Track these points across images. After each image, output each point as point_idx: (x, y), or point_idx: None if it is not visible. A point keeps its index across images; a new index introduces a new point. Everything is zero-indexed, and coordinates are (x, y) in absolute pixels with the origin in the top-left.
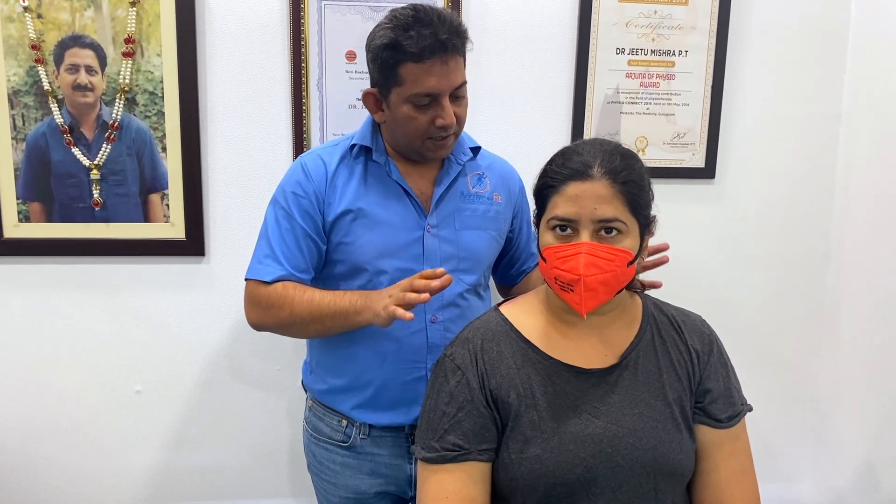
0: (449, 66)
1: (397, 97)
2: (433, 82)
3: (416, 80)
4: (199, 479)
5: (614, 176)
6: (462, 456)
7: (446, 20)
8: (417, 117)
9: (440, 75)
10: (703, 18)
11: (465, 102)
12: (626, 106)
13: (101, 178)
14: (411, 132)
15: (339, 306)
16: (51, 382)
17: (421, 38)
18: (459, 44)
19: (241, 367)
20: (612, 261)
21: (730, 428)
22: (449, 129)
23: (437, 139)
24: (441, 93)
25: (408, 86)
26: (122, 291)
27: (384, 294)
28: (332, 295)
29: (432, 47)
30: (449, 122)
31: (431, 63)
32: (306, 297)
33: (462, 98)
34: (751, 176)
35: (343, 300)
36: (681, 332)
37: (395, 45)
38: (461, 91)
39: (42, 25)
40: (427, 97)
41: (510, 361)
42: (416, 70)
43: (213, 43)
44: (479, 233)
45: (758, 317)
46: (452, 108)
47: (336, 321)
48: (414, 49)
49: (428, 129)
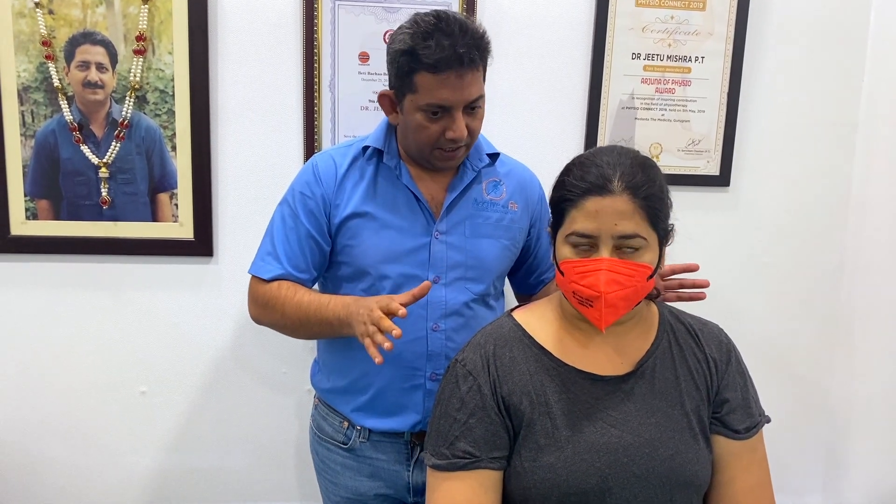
0: (465, 79)
1: (411, 104)
2: (446, 95)
3: (430, 90)
4: (205, 481)
5: (635, 191)
6: (473, 463)
7: (468, 32)
8: (429, 127)
9: (454, 88)
10: (720, 24)
11: (481, 114)
12: (640, 112)
13: (110, 176)
14: (422, 140)
15: (324, 316)
16: (56, 382)
17: (438, 49)
18: (478, 57)
19: (247, 368)
20: (632, 276)
21: (747, 439)
22: (459, 142)
23: (447, 150)
24: (454, 106)
25: (421, 95)
26: (128, 291)
27: (363, 315)
28: (320, 302)
29: (448, 60)
30: (459, 135)
31: (447, 75)
32: (296, 300)
33: (477, 109)
34: (766, 184)
35: (327, 311)
36: (698, 340)
37: (412, 52)
38: (476, 103)
39: (53, 21)
40: (439, 108)
41: (523, 368)
42: (430, 80)
43: (224, 42)
44: (490, 241)
45: (771, 326)
46: (466, 121)
47: (324, 328)
48: (430, 60)
49: (438, 140)
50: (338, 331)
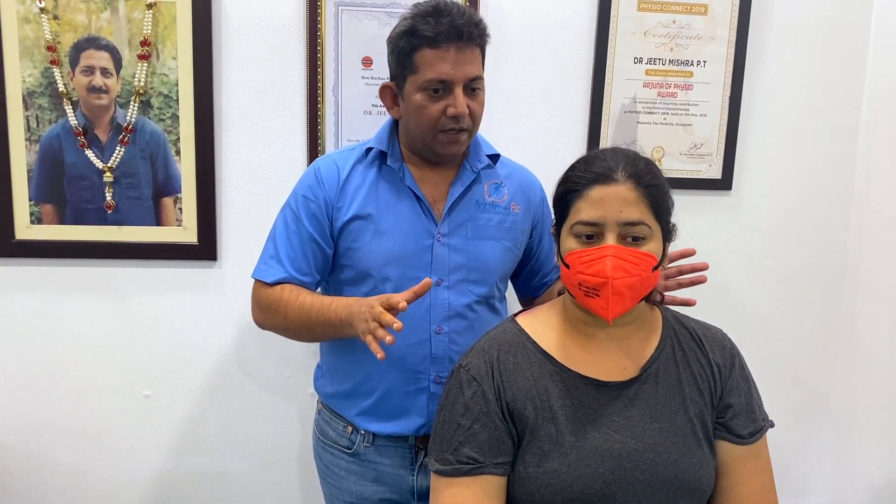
0: (465, 55)
1: (412, 86)
2: (446, 68)
3: (430, 65)
4: (208, 485)
5: (638, 179)
6: (477, 469)
7: (465, 12)
8: (429, 106)
9: (454, 62)
10: (722, 29)
11: (481, 98)
12: (642, 115)
13: (114, 180)
14: (423, 122)
15: (326, 317)
16: (60, 385)
17: (438, 24)
18: (476, 34)
19: (251, 372)
20: (638, 264)
21: (751, 444)
22: (461, 121)
23: (450, 132)
24: (454, 81)
25: (422, 72)
26: (132, 295)
27: (364, 313)
28: (322, 303)
29: (448, 33)
30: (461, 111)
31: (446, 49)
32: (298, 303)
33: (478, 91)
34: (768, 187)
35: (330, 311)
36: (702, 345)
37: (412, 30)
38: (476, 83)
39: (58, 27)
40: (440, 83)
41: (527, 373)
42: (430, 56)
43: (228, 47)
44: (492, 243)
45: (773, 329)
46: (466, 101)
47: (326, 330)
48: (430, 33)
49: (440, 120)
50: (340, 331)
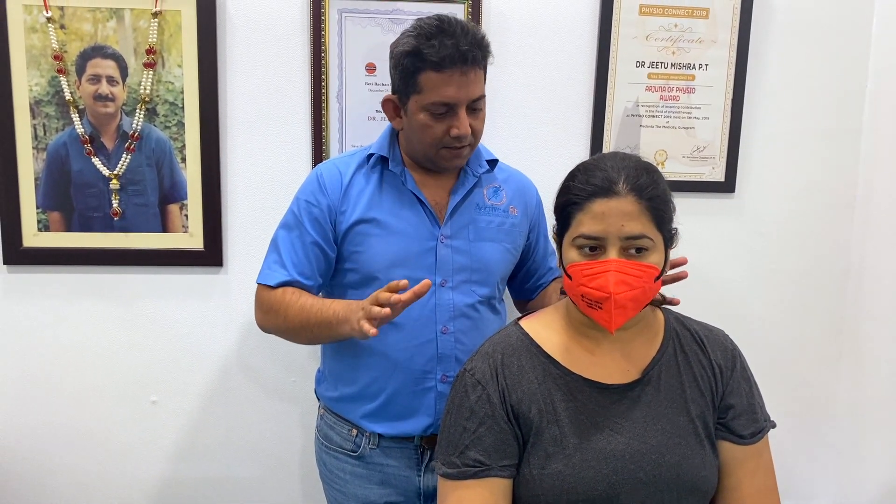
0: (468, 77)
1: (415, 105)
2: (451, 92)
3: (435, 88)
4: (213, 489)
5: (640, 192)
6: (483, 472)
7: (469, 32)
8: (433, 126)
9: (458, 86)
10: (724, 32)
11: (483, 115)
12: (645, 119)
13: (121, 187)
14: (427, 140)
15: (324, 316)
16: (67, 391)
17: (442, 48)
18: (480, 56)
19: (256, 377)
20: (640, 277)
21: (753, 444)
22: (464, 140)
23: (452, 148)
24: (458, 103)
25: (426, 94)
26: (139, 301)
27: (360, 305)
28: (321, 304)
29: (452, 57)
30: (464, 132)
31: (451, 73)
32: (299, 304)
33: (479, 111)
34: (771, 190)
35: (328, 310)
36: (703, 346)
37: (417, 52)
38: (479, 104)
39: (65, 36)
40: (444, 106)
41: (531, 376)
42: (435, 79)
43: (233, 54)
44: (493, 245)
45: (777, 332)
46: (469, 120)
47: (322, 330)
48: (434, 58)
49: (443, 139)
50: (336, 329)
